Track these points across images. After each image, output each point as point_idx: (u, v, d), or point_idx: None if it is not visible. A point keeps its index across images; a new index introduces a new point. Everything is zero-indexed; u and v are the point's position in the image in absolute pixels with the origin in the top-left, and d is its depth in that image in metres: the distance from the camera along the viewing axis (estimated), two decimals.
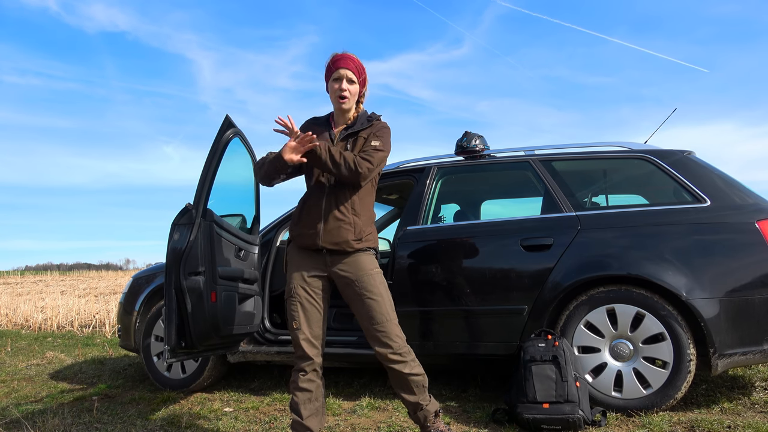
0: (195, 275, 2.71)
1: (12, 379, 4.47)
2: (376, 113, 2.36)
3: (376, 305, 2.20)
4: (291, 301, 2.23)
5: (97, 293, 15.43)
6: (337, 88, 2.24)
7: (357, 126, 2.29)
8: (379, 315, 2.19)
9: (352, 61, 2.25)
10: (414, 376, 2.22)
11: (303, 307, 2.21)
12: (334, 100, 2.28)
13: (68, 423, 3.01)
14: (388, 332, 2.19)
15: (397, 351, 2.19)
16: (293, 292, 2.23)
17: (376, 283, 2.24)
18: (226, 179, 2.97)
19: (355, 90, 2.27)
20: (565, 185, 3.13)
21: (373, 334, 2.20)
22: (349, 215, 2.23)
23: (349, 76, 2.24)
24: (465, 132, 3.52)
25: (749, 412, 2.68)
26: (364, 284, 2.21)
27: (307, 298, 2.23)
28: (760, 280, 2.63)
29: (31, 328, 8.45)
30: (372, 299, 2.20)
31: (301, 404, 2.19)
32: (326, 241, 2.22)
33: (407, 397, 2.25)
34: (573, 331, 2.82)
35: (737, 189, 2.88)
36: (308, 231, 2.23)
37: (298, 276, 2.24)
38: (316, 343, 2.22)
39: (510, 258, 3.01)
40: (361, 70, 2.28)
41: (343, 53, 2.27)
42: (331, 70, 2.27)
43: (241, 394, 3.56)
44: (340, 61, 2.25)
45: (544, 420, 2.51)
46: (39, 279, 33.26)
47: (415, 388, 2.23)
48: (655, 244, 2.76)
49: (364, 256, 2.26)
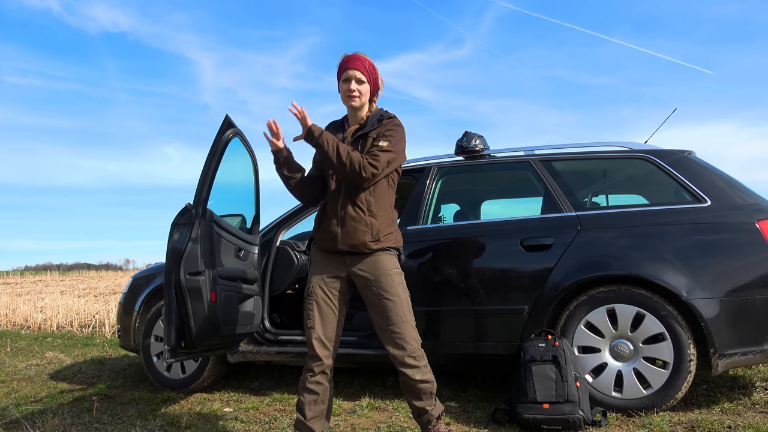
0: (195, 275, 2.71)
1: (12, 379, 4.47)
2: (388, 112, 2.34)
3: (392, 306, 2.17)
4: (308, 300, 2.24)
5: (96, 293, 15.42)
6: (346, 88, 2.26)
7: (368, 126, 2.28)
8: (395, 316, 2.17)
9: (361, 61, 2.26)
10: (424, 383, 2.19)
11: (319, 307, 2.22)
12: (345, 101, 2.30)
13: (68, 423, 3.00)
14: (404, 334, 2.16)
15: (411, 354, 2.16)
16: (311, 291, 2.24)
17: (394, 283, 2.21)
18: (226, 179, 2.97)
19: (365, 90, 2.27)
20: (565, 185, 3.13)
21: (388, 336, 2.18)
22: (366, 216, 2.21)
23: (358, 76, 2.25)
24: (465, 132, 3.52)
25: (749, 412, 2.68)
26: (382, 284, 2.19)
27: (324, 298, 2.23)
28: (760, 280, 2.63)
29: (31, 329, 8.44)
30: (389, 299, 2.18)
31: (307, 405, 2.18)
32: (344, 243, 2.22)
33: (414, 402, 2.24)
34: (573, 331, 2.81)
35: (737, 189, 2.88)
36: (327, 234, 2.25)
37: (318, 276, 2.26)
38: (328, 344, 2.21)
39: (510, 258, 3.01)
40: (370, 69, 2.28)
41: (353, 54, 2.28)
42: (341, 71, 2.29)
43: (241, 394, 3.56)
44: (349, 62, 2.26)
45: (544, 420, 2.51)
46: (39, 279, 33.25)
47: (423, 394, 2.21)
48: (656, 244, 2.76)
49: (384, 256, 2.24)
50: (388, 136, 2.23)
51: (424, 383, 2.19)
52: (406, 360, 2.16)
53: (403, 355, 2.16)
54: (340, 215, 2.23)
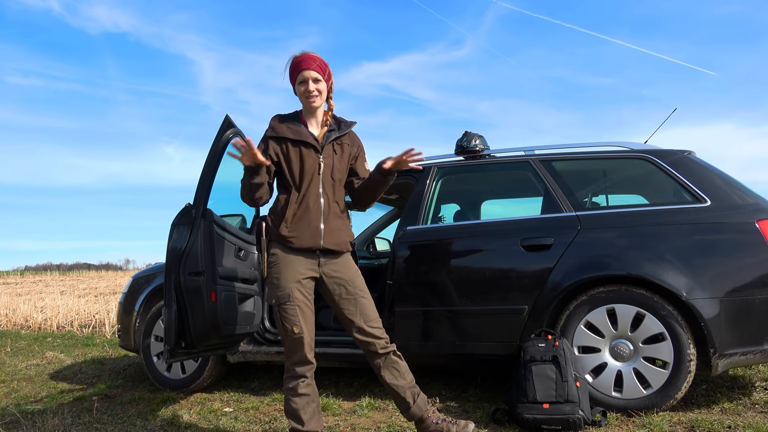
0: (195, 275, 2.71)
1: (12, 379, 4.47)
2: (346, 119, 2.43)
3: (368, 303, 2.31)
4: (288, 305, 2.18)
5: (96, 293, 15.43)
6: (305, 90, 2.27)
7: (342, 131, 2.36)
8: (372, 312, 2.31)
9: (314, 60, 2.27)
10: (401, 359, 2.35)
11: (302, 311, 2.20)
12: (304, 101, 2.31)
13: (68, 423, 3.00)
14: (380, 326, 2.33)
15: (388, 340, 2.33)
16: (291, 296, 2.18)
17: (363, 283, 2.36)
18: (226, 179, 2.97)
19: (323, 88, 2.30)
20: (565, 185, 3.13)
21: (367, 332, 2.27)
22: (345, 216, 2.34)
23: (314, 75, 2.26)
24: (465, 132, 3.52)
25: (749, 412, 2.68)
26: (357, 284, 2.32)
27: (304, 302, 2.22)
28: (760, 280, 2.63)
29: (31, 329, 8.44)
30: (365, 298, 2.31)
31: (301, 409, 2.18)
32: (328, 241, 2.25)
33: (404, 383, 2.30)
34: (573, 331, 2.81)
35: (737, 189, 2.88)
36: (306, 232, 2.23)
37: (293, 279, 2.21)
38: (313, 346, 2.25)
39: (510, 258, 3.01)
40: (323, 66, 2.29)
41: (302, 54, 2.28)
42: (294, 73, 2.29)
43: (241, 394, 3.56)
44: (302, 63, 2.26)
45: (544, 420, 2.51)
46: (39, 279, 33.26)
47: (406, 371, 2.34)
48: (655, 244, 2.75)
49: (350, 256, 2.37)
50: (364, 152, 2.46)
51: (402, 359, 2.35)
52: (387, 344, 2.32)
53: (383, 342, 2.30)
54: (324, 212, 2.25)
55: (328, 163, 2.29)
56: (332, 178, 2.30)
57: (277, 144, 2.30)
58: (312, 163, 2.27)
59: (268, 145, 2.30)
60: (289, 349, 2.21)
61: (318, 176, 2.27)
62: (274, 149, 2.29)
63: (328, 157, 2.30)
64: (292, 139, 2.28)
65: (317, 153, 2.28)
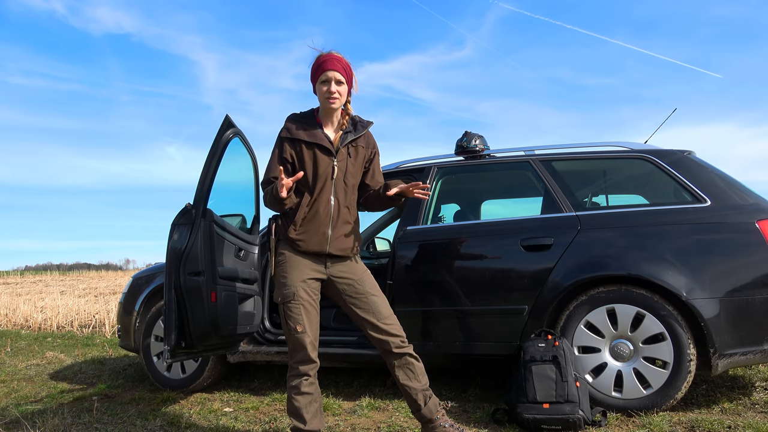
0: (195, 275, 2.71)
1: (12, 379, 4.47)
2: (363, 119, 2.39)
3: (381, 301, 2.30)
4: (293, 304, 2.19)
5: (96, 293, 15.42)
6: (326, 90, 2.22)
7: (358, 132, 2.33)
8: (385, 309, 2.29)
9: (339, 61, 2.22)
10: (418, 360, 2.32)
11: (306, 310, 2.20)
12: (323, 102, 2.26)
13: (68, 423, 3.00)
14: (395, 323, 2.30)
15: (404, 338, 2.30)
16: (296, 295, 2.20)
17: (374, 281, 2.35)
18: (226, 179, 2.97)
19: (344, 91, 2.26)
20: (565, 185, 3.13)
21: (381, 329, 2.26)
22: (354, 222, 2.33)
23: (338, 77, 2.22)
24: (465, 132, 3.52)
25: (749, 412, 2.68)
26: (367, 283, 2.31)
27: (309, 301, 2.22)
28: (760, 280, 2.62)
29: (31, 328, 8.44)
30: (376, 296, 2.30)
31: (303, 408, 2.18)
32: (335, 247, 2.26)
33: (418, 385, 2.27)
34: (573, 331, 2.81)
35: (737, 189, 2.88)
36: (314, 237, 2.23)
37: (299, 279, 2.22)
38: (317, 346, 2.24)
39: (510, 258, 3.01)
40: (348, 69, 2.25)
41: (329, 54, 2.23)
42: (317, 72, 2.24)
43: (241, 394, 3.56)
44: (327, 63, 2.21)
45: (544, 420, 2.51)
46: (39, 279, 33.24)
47: (422, 374, 2.31)
48: (655, 244, 2.75)
49: (358, 258, 2.39)
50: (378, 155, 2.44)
51: (418, 360, 2.31)
52: (403, 343, 2.28)
53: (399, 341, 2.27)
54: (333, 218, 2.25)
55: (341, 167, 2.27)
56: (345, 183, 2.28)
57: (292, 146, 2.27)
58: (326, 167, 2.25)
59: (284, 147, 2.28)
60: (292, 348, 2.22)
61: (331, 181, 2.25)
62: (289, 151, 2.28)
63: (342, 160, 2.27)
64: (306, 141, 2.25)
65: (331, 157, 2.26)
